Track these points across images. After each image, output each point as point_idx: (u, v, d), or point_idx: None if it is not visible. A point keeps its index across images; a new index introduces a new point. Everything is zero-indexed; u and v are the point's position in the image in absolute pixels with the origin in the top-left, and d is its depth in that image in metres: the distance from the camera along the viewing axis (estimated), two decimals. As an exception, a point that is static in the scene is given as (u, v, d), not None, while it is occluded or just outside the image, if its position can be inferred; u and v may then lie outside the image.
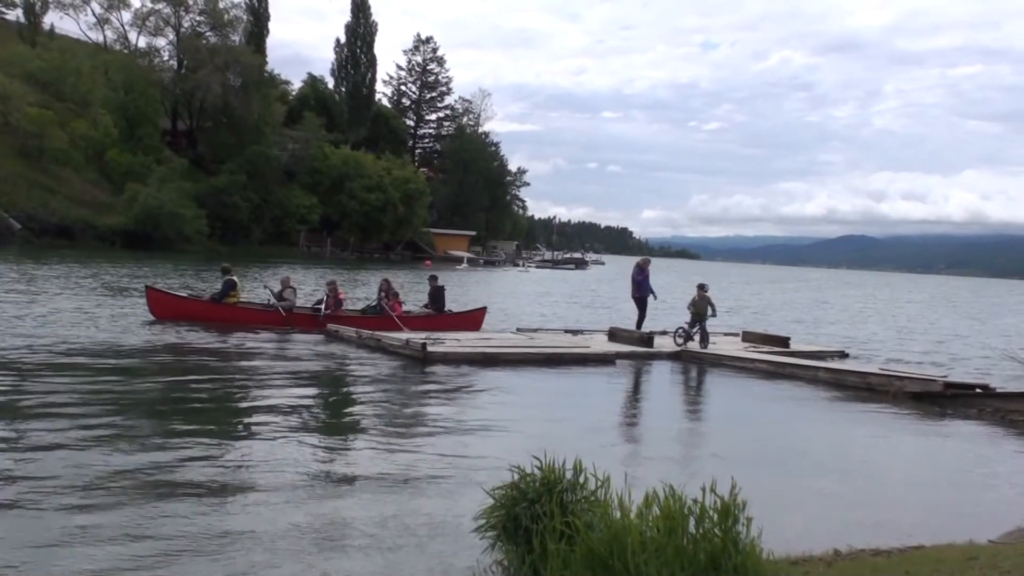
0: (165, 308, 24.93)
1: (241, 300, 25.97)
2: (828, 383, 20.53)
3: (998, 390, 18.91)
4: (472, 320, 27.62)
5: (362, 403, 15.52)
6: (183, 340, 21.69)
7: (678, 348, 24.32)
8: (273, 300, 25.85)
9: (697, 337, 24.54)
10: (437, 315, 27.02)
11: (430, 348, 20.54)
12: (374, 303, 26.94)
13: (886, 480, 12.24)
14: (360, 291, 27.96)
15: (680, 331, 24.89)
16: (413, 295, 37.54)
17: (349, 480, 10.24)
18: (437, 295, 27.72)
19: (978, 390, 18.85)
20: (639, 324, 26.47)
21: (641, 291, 26.52)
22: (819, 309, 56.80)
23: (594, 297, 55.91)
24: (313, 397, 15.70)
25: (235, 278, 25.75)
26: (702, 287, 25.13)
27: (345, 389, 17.07)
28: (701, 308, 24.71)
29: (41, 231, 68.87)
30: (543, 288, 64.55)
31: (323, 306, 25.79)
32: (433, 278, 28.75)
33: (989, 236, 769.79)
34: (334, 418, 14.23)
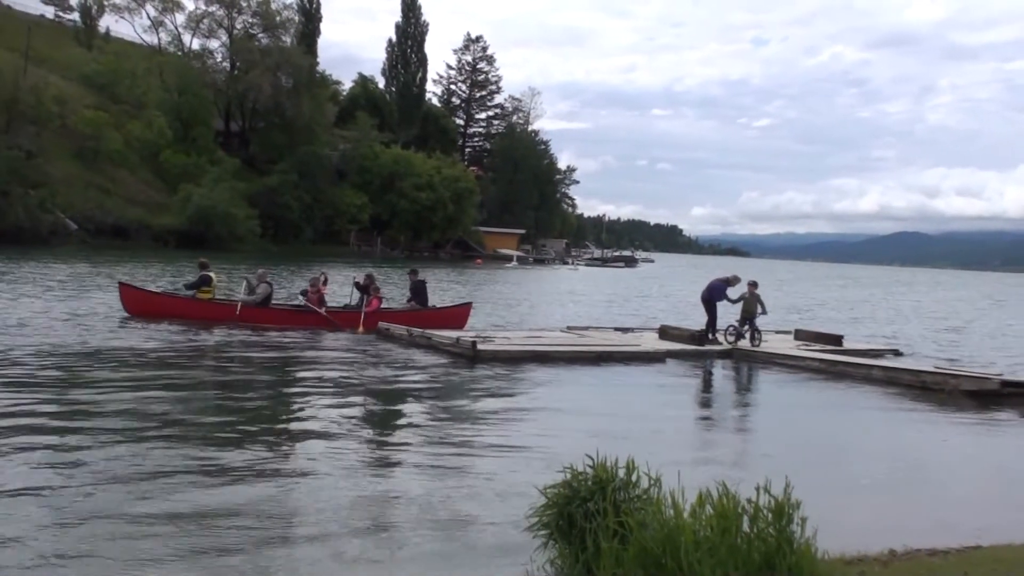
0: (138, 304, 24.58)
1: (216, 297, 25.49)
2: (882, 381, 20.31)
3: (1056, 388, 18.63)
4: (456, 316, 26.93)
5: (414, 402, 15.58)
6: (204, 341, 21.61)
7: (729, 346, 24.16)
8: (244, 293, 25.41)
9: (748, 335, 24.37)
10: (419, 310, 26.39)
11: (480, 346, 20.58)
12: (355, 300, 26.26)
13: (942, 479, 12.09)
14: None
15: (731, 329, 24.72)
16: (439, 293, 37.53)
17: (402, 473, 10.32)
18: (419, 289, 27.06)
19: (1035, 389, 18.58)
20: (709, 326, 25.20)
21: (713, 295, 25.20)
22: (871, 307, 56.16)
23: (645, 295, 55.71)
24: (366, 395, 15.80)
25: (211, 273, 25.33)
26: (752, 284, 24.96)
27: (397, 387, 17.12)
28: (751, 306, 24.54)
29: (97, 231, 69.85)
30: (592, 286, 64.42)
31: (304, 299, 25.37)
32: (414, 272, 28.15)
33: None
34: (386, 416, 14.31)
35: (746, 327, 24.48)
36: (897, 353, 26.36)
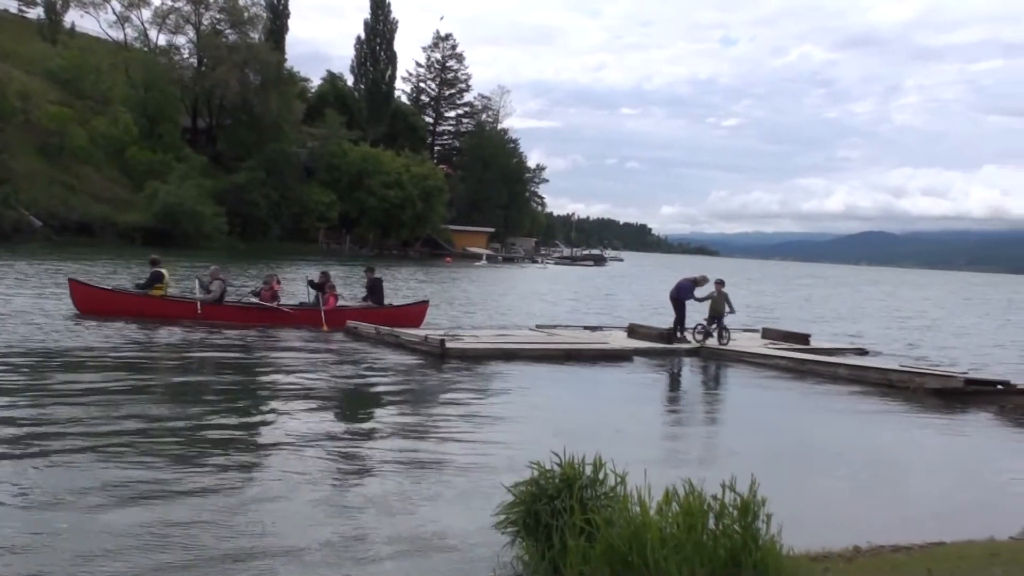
0: (90, 302, 24.06)
1: (168, 293, 25.02)
2: (848, 380, 20.47)
3: (1019, 386, 18.82)
4: (413, 315, 26.52)
5: (381, 401, 15.56)
6: (164, 340, 21.26)
7: (697, 344, 24.27)
8: (199, 292, 25.03)
9: (716, 333, 24.50)
10: (375, 308, 26.07)
11: (449, 344, 20.57)
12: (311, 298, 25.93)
13: (907, 477, 12.20)
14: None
15: (699, 327, 24.82)
16: (408, 291, 37.49)
17: (368, 471, 10.31)
18: (375, 287, 26.75)
19: (999, 386, 18.80)
20: (676, 325, 25.15)
21: (680, 293, 25.22)
22: (838, 306, 56.56)
23: (613, 294, 55.85)
24: (332, 394, 15.74)
25: (163, 270, 25.01)
26: (720, 283, 25.10)
27: (364, 385, 17.10)
28: (719, 304, 24.67)
29: (62, 228, 69.08)
30: (562, 284, 64.51)
31: (257, 298, 25.06)
32: (370, 270, 27.79)
33: (1010, 232, 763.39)
34: (354, 412, 14.28)
35: (714, 326, 24.61)
36: (863, 352, 26.57)
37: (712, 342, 24.33)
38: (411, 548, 7.90)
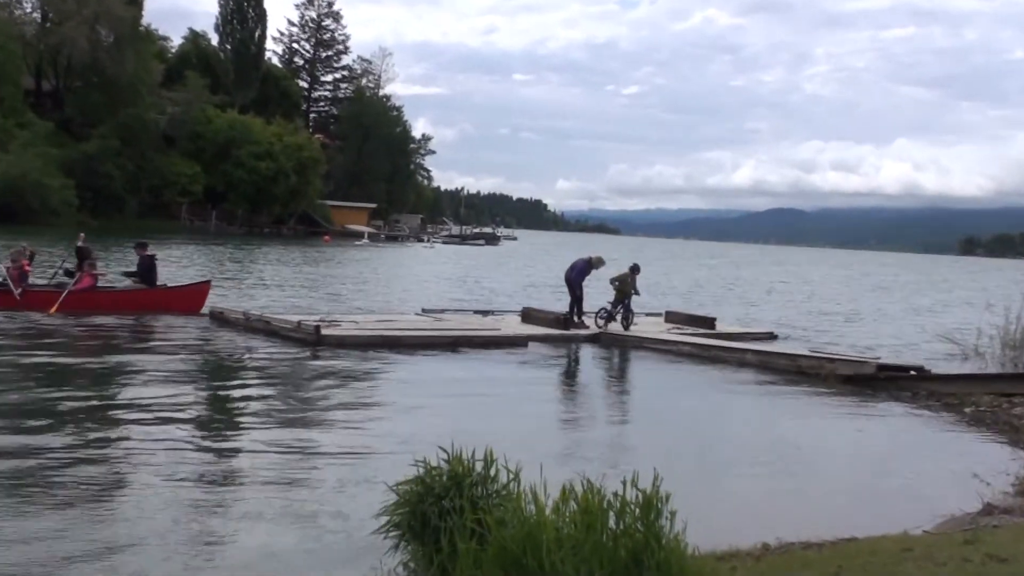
0: None
1: None
2: (756, 366, 20.85)
3: (933, 372, 19.40)
4: (191, 297, 25.37)
5: (247, 394, 15.31)
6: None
7: (599, 330, 24.47)
8: (62, 275, 24.23)
9: (620, 317, 24.73)
10: (146, 290, 24.98)
11: (324, 331, 20.39)
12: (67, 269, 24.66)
13: (817, 469, 12.49)
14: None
15: (602, 312, 25.02)
16: (283, 272, 37.13)
17: (234, 479, 10.15)
18: (147, 266, 25.35)
19: (912, 372, 19.30)
20: (572, 309, 25.44)
21: (575, 274, 25.43)
22: (745, 288, 57.62)
23: (507, 275, 56.00)
24: (195, 388, 15.50)
25: None
26: (634, 269, 25.38)
27: (230, 378, 16.87)
28: (627, 288, 24.89)
29: None
30: (450, 265, 64.48)
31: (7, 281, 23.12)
32: (142, 246, 26.09)
33: (922, 209, 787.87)
34: (215, 412, 14.05)
35: (619, 308, 24.81)
36: (772, 336, 27.12)
37: (616, 327, 24.57)
38: (284, 557, 7.82)
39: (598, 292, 25.56)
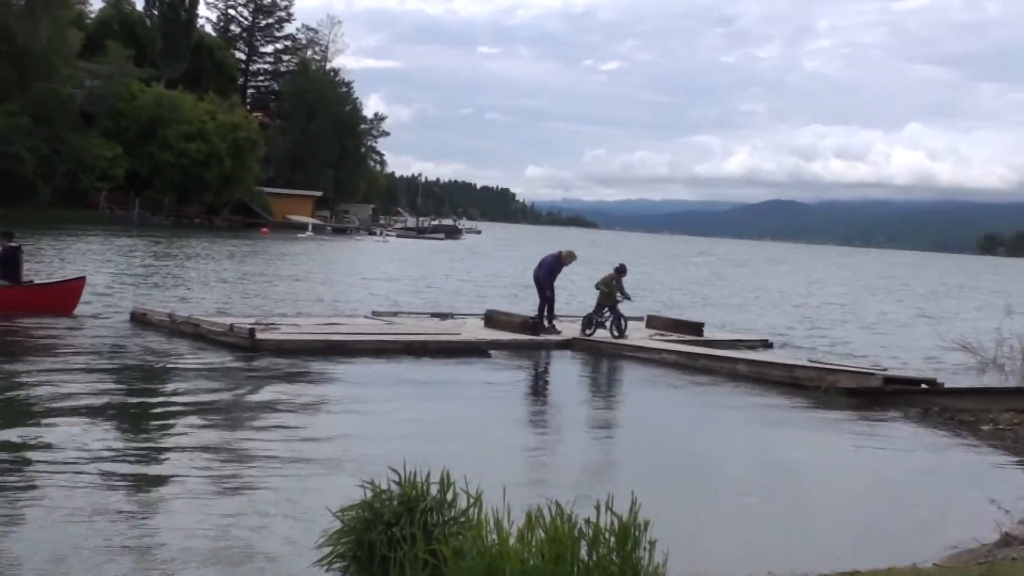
0: None
1: None
2: (749, 378, 20.89)
3: (946, 386, 19.47)
4: (61, 295, 25.05)
5: (169, 410, 15.17)
6: None
7: (585, 338, 24.32)
8: None
9: (609, 324, 24.58)
10: (7, 287, 24.34)
11: (260, 335, 20.28)
12: None
13: (816, 494, 12.51)
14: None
15: (586, 319, 24.92)
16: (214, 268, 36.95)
17: (164, 499, 10.06)
18: (10, 259, 24.57)
19: (923, 385, 19.37)
20: (541, 312, 25.48)
21: (544, 272, 25.57)
22: (737, 289, 57.82)
23: (469, 273, 55.97)
24: (114, 400, 15.35)
25: None
26: (619, 270, 25.34)
27: (150, 390, 16.74)
28: (614, 291, 24.81)
29: None
30: (406, 261, 64.40)
31: None
32: (6, 235, 25.04)
33: (936, 203, 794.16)
34: (140, 428, 13.92)
35: (606, 314, 24.65)
36: (766, 344, 27.20)
37: (603, 334, 24.44)
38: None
39: (585, 291, 25.45)
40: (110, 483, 10.42)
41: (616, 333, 24.51)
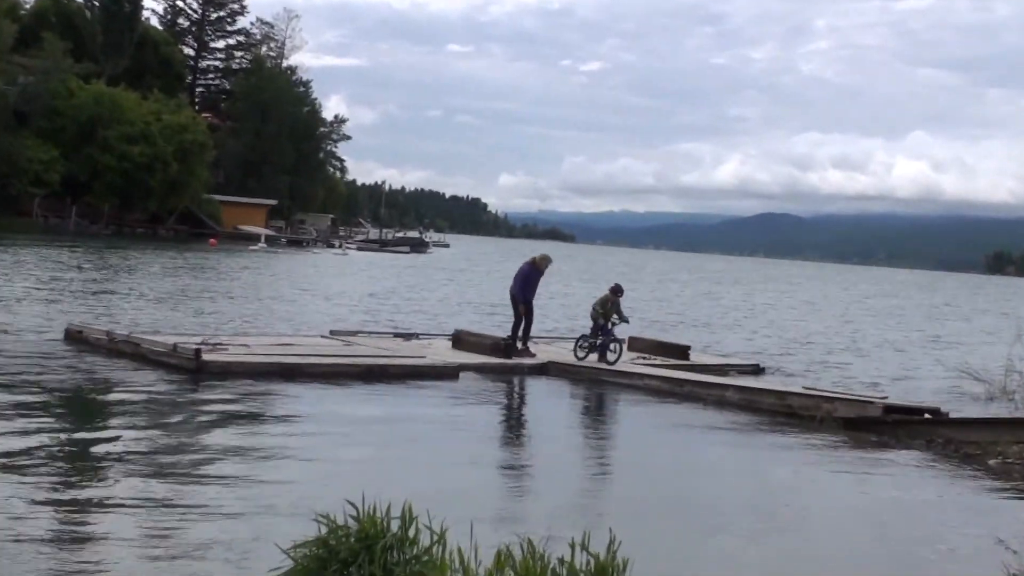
0: None
1: None
2: (739, 406, 20.91)
3: (951, 415, 19.56)
4: None
5: (105, 436, 15.03)
6: None
7: (578, 361, 24.19)
8: None
9: (600, 348, 24.40)
10: None
11: (206, 356, 20.20)
12: None
13: (809, 534, 12.52)
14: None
15: (581, 342, 24.89)
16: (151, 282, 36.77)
17: (98, 540, 9.99)
18: None
19: (926, 415, 19.45)
20: (516, 332, 25.38)
21: (519, 285, 25.52)
22: (726, 309, 57.99)
23: (436, 291, 55.95)
24: (38, 427, 15.21)
25: None
26: (615, 291, 25.29)
27: (85, 415, 16.63)
28: (609, 312, 24.75)
29: None
30: (367, 277, 64.35)
31: None
32: None
33: (941, 217, 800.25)
34: (71, 460, 13.78)
35: (605, 338, 24.53)
36: (758, 369, 27.29)
37: (593, 358, 24.38)
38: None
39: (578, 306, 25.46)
40: (36, 515, 10.37)
41: (609, 360, 24.31)
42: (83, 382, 18.99)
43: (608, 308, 25.01)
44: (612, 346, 24.64)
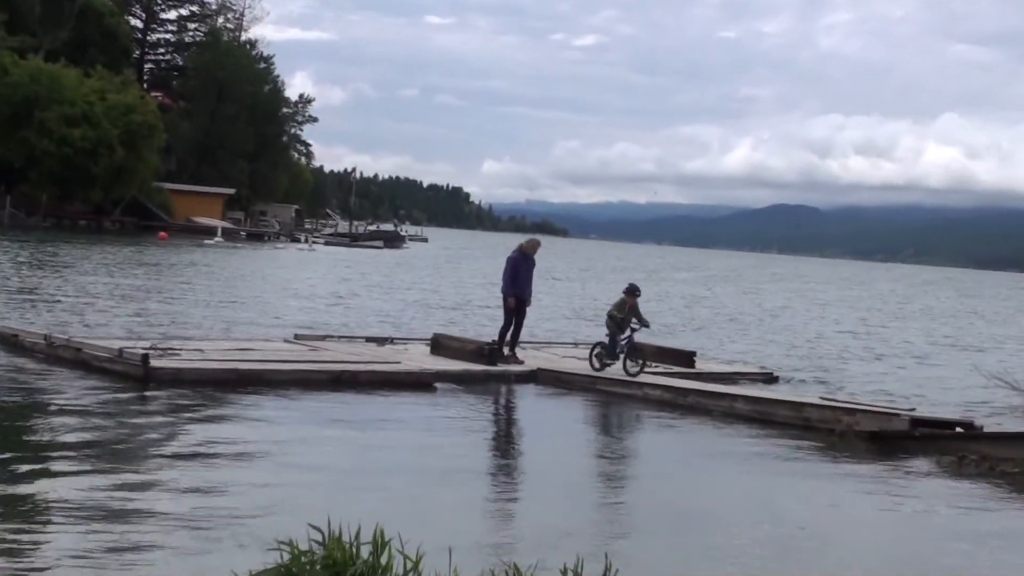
0: None
1: None
2: (750, 418, 20.92)
3: (985, 429, 19.55)
4: None
5: (43, 453, 15.02)
6: None
7: (596, 372, 24.01)
8: None
9: (622, 357, 24.19)
10: None
11: (155, 362, 20.15)
12: None
13: (829, 561, 12.51)
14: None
15: (598, 349, 24.78)
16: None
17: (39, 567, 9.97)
18: None
19: (957, 429, 19.44)
20: (504, 336, 25.23)
21: (517, 286, 25.28)
22: (735, 311, 58.02)
23: (413, 290, 55.92)
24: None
25: None
26: (631, 291, 25.01)
27: (19, 429, 16.55)
28: (628, 316, 24.52)
29: None
30: (336, 275, 64.35)
31: None
32: None
33: (974, 210, 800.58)
34: (8, 480, 13.79)
35: (624, 344, 24.43)
36: (771, 378, 27.29)
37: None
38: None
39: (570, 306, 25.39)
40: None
41: (631, 371, 24.00)
42: (13, 394, 18.89)
43: (627, 312, 24.73)
44: (637, 355, 24.37)
